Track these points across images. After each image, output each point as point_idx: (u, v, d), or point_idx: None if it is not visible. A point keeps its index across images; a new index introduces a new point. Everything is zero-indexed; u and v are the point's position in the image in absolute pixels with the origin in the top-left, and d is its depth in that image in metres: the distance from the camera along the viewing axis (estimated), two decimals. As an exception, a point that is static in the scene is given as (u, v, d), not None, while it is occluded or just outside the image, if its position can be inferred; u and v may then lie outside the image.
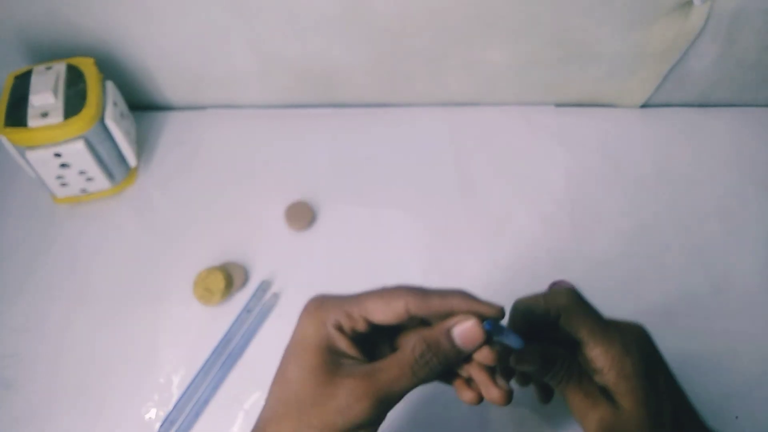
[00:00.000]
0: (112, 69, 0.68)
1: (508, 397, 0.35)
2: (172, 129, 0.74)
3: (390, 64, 0.70)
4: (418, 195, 0.69)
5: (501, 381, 0.35)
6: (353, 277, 0.63)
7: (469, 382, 0.37)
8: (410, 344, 0.33)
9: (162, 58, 0.69)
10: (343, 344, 0.34)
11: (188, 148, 0.73)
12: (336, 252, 0.65)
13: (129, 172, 0.69)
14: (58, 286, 0.63)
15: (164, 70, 0.71)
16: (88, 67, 0.63)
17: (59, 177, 0.63)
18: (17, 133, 0.59)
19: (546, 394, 0.46)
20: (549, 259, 0.64)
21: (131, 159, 0.68)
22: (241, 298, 0.62)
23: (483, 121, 0.74)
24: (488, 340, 0.34)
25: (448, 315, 0.34)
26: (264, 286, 0.63)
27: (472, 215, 0.67)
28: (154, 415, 0.57)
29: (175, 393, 0.58)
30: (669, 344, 0.59)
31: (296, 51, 0.68)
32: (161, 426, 0.56)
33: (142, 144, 0.73)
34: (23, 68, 0.63)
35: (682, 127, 0.74)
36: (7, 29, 0.65)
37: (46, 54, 0.67)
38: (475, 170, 0.71)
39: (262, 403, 0.57)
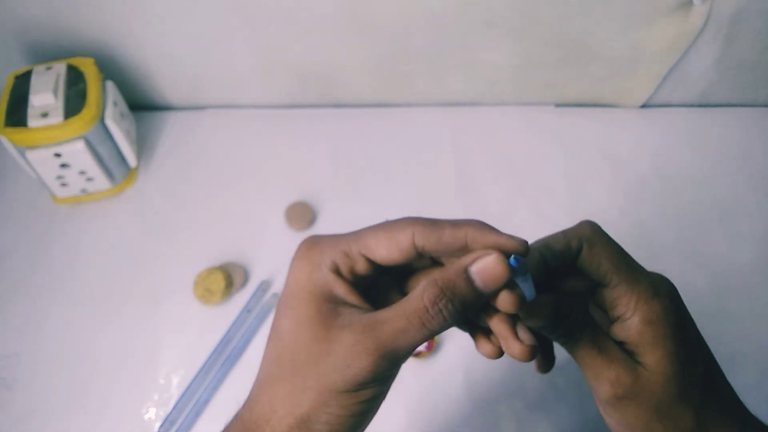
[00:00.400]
0: (112, 69, 0.68)
1: (532, 353, 0.30)
2: (172, 129, 0.74)
3: (390, 65, 0.70)
4: (418, 194, 0.69)
5: (524, 333, 0.30)
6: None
7: (487, 332, 0.32)
8: (420, 289, 0.28)
9: (162, 59, 0.69)
10: (341, 289, 0.29)
11: (188, 148, 0.73)
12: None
13: (129, 173, 0.69)
14: (59, 287, 0.64)
15: (164, 71, 0.71)
16: (88, 67, 0.63)
17: (59, 177, 0.63)
18: (17, 133, 0.59)
19: (547, 361, 0.37)
20: (549, 259, 0.64)
21: (131, 159, 0.68)
22: (241, 298, 0.62)
23: (483, 121, 0.74)
24: (509, 282, 0.29)
25: (463, 251, 0.29)
26: (264, 286, 0.63)
27: (472, 215, 0.67)
28: (153, 414, 0.57)
29: (175, 393, 0.58)
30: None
31: (296, 51, 0.68)
32: (161, 426, 0.56)
33: (143, 144, 0.73)
34: (23, 68, 0.63)
35: (682, 127, 0.74)
36: (7, 29, 0.65)
37: (46, 54, 0.67)
38: (475, 170, 0.71)
39: (262, 403, 0.57)
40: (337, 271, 0.30)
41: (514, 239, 0.29)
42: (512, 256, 0.28)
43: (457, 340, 0.60)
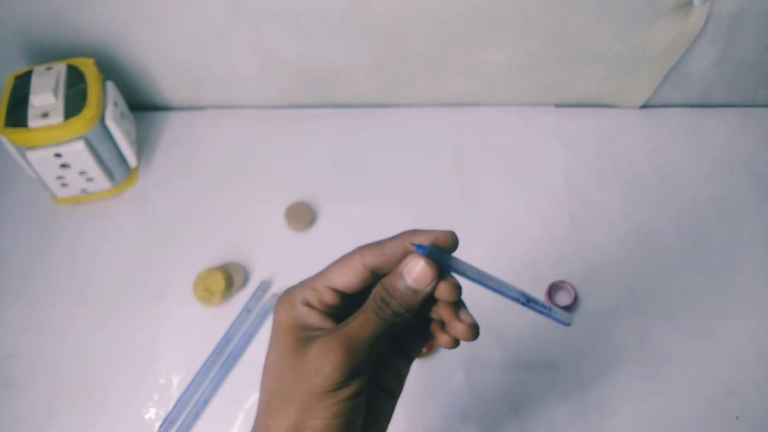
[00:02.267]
0: (112, 69, 0.68)
1: (473, 331, 0.33)
2: (172, 129, 0.75)
3: (390, 65, 0.70)
4: (419, 195, 0.69)
5: (465, 314, 0.33)
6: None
7: (443, 325, 0.35)
8: (372, 290, 0.33)
9: (162, 59, 0.69)
10: (314, 319, 0.33)
11: (188, 148, 0.73)
12: (336, 252, 0.64)
13: (129, 173, 0.70)
14: (59, 287, 0.64)
15: (164, 71, 0.71)
16: (88, 67, 0.64)
17: (59, 177, 0.63)
18: (17, 134, 0.59)
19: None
20: (548, 258, 0.64)
21: (131, 159, 0.68)
22: (241, 299, 0.62)
23: (483, 121, 0.75)
24: (445, 276, 0.33)
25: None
26: (264, 286, 0.63)
27: (472, 215, 0.68)
28: (153, 414, 0.57)
29: (175, 393, 0.58)
30: (668, 343, 0.60)
31: (296, 52, 0.68)
32: (161, 426, 0.56)
33: (143, 144, 0.73)
34: (24, 68, 0.63)
35: (682, 127, 0.74)
36: (7, 30, 0.65)
37: (46, 54, 0.67)
38: (476, 170, 0.71)
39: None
40: (308, 305, 0.34)
41: (433, 234, 0.33)
42: (420, 247, 0.32)
43: (457, 340, 0.60)
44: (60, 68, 0.62)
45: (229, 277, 0.62)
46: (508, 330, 0.60)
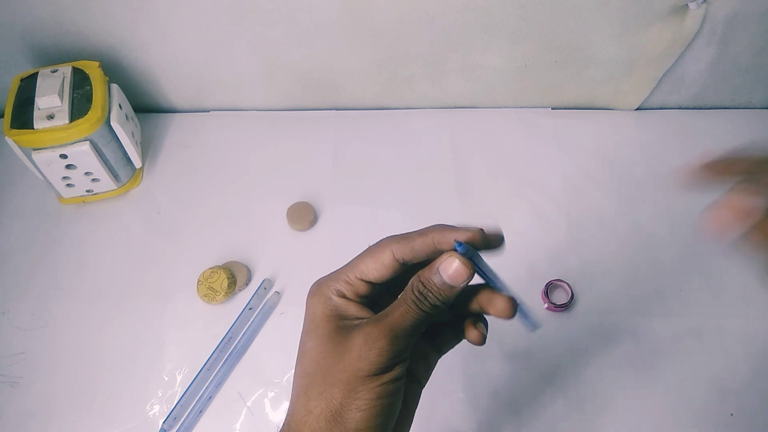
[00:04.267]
0: (117, 72, 0.69)
1: (513, 307, 0.35)
2: (176, 131, 0.75)
3: (390, 68, 0.70)
4: (418, 196, 0.70)
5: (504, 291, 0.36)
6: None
7: (475, 322, 0.37)
8: (410, 282, 0.35)
9: (166, 62, 0.70)
10: (352, 309, 0.35)
11: (192, 150, 0.74)
12: (337, 252, 0.66)
13: (134, 174, 0.70)
14: (64, 286, 0.64)
15: (168, 74, 0.72)
16: (93, 70, 0.64)
17: (65, 178, 0.64)
18: (23, 135, 0.60)
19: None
20: (546, 257, 0.65)
21: (136, 160, 0.68)
22: (244, 297, 0.63)
23: (481, 123, 0.75)
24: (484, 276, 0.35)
25: (437, 251, 0.35)
26: (266, 284, 0.64)
27: (470, 216, 0.68)
28: (157, 411, 0.58)
29: (179, 390, 0.59)
30: (663, 341, 0.60)
31: (298, 55, 0.68)
32: (164, 422, 0.57)
33: (147, 146, 0.74)
34: (29, 71, 0.64)
35: (677, 129, 0.74)
36: (13, 32, 0.66)
37: (51, 57, 0.68)
38: (474, 172, 0.72)
39: (265, 399, 0.58)
40: (344, 297, 0.35)
41: (466, 231, 0.35)
42: (457, 243, 0.33)
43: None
44: (65, 71, 0.63)
45: (232, 276, 0.63)
46: (507, 328, 0.61)
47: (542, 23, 0.63)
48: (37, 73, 0.63)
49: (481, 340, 0.37)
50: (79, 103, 0.62)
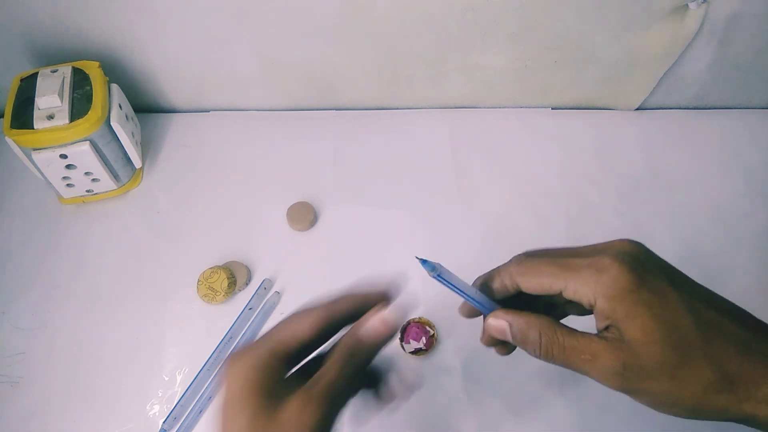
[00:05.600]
0: (117, 72, 0.69)
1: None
2: (176, 131, 0.75)
3: (390, 68, 0.70)
4: (418, 196, 0.70)
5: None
6: (354, 276, 0.64)
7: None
8: (337, 344, 0.35)
9: (166, 62, 0.70)
10: (279, 373, 0.33)
11: (192, 150, 0.74)
12: (337, 251, 0.66)
13: (134, 174, 0.70)
14: (64, 286, 0.64)
15: (168, 74, 0.72)
16: (93, 70, 0.64)
17: (65, 178, 0.64)
18: (23, 135, 0.60)
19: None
20: (546, 258, 0.65)
21: (136, 160, 0.68)
22: (244, 297, 0.63)
23: (481, 123, 0.75)
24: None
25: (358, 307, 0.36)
26: (266, 284, 0.64)
27: (470, 216, 0.68)
28: (157, 411, 0.58)
29: (179, 390, 0.59)
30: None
31: (298, 56, 0.69)
32: (164, 422, 0.57)
33: (147, 146, 0.74)
34: (29, 71, 0.63)
35: (677, 129, 0.75)
36: (13, 32, 0.66)
37: (51, 57, 0.68)
38: (474, 172, 0.72)
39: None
40: (265, 369, 0.33)
41: (374, 296, 0.37)
42: (424, 262, 0.36)
43: (455, 338, 0.60)
44: (65, 71, 0.63)
45: (232, 277, 0.63)
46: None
47: (542, 23, 0.63)
48: (37, 73, 0.63)
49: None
50: (79, 103, 0.62)
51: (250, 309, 0.62)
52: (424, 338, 0.58)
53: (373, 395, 0.40)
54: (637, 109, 0.76)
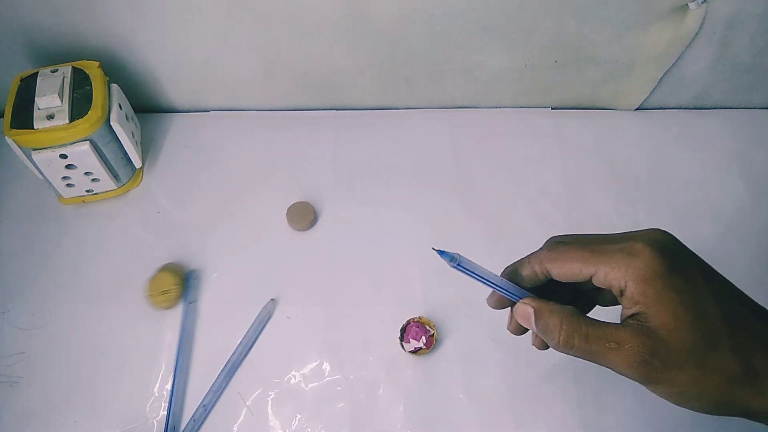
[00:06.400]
0: (117, 72, 0.69)
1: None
2: (176, 131, 0.75)
3: (390, 68, 0.70)
4: (418, 196, 0.70)
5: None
6: (354, 276, 0.64)
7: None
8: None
9: (166, 62, 0.70)
10: None
11: (192, 150, 0.74)
12: (337, 252, 0.66)
13: (134, 174, 0.70)
14: (64, 286, 0.64)
15: (168, 74, 0.72)
16: (93, 70, 0.64)
17: (65, 178, 0.64)
18: (23, 135, 0.60)
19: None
20: (546, 258, 0.65)
21: (136, 160, 0.68)
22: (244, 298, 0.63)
23: (482, 123, 0.75)
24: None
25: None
26: (195, 275, 0.63)
27: (471, 216, 0.68)
28: (158, 413, 0.58)
29: (179, 390, 0.59)
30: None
31: (298, 55, 0.69)
32: (167, 423, 0.56)
33: (147, 146, 0.74)
34: (29, 71, 0.64)
35: (677, 129, 0.75)
36: (13, 32, 0.66)
37: (51, 57, 0.68)
38: (474, 172, 0.72)
39: (264, 398, 0.58)
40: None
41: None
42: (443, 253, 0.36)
43: (455, 337, 0.60)
44: (65, 71, 0.63)
45: (176, 276, 0.62)
46: (505, 327, 0.61)
47: (542, 23, 0.63)
48: (37, 73, 0.63)
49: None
50: (79, 103, 0.62)
51: (191, 303, 0.62)
52: (424, 338, 0.58)
53: None
54: (637, 109, 0.76)
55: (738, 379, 0.31)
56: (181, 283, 0.62)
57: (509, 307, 0.40)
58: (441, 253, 0.35)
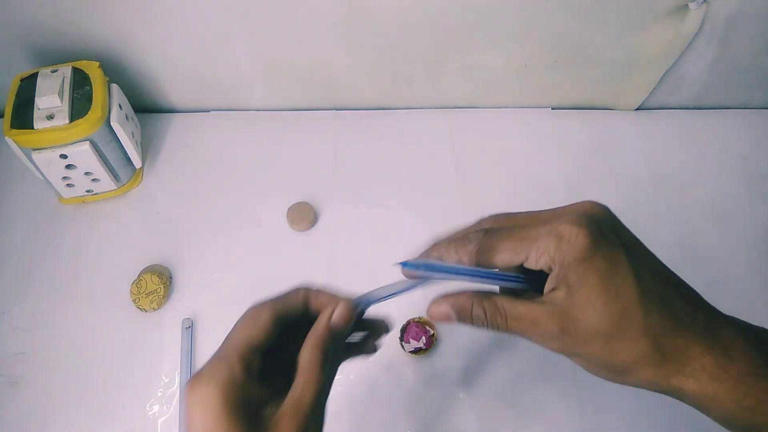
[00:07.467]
0: (117, 72, 0.69)
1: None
2: (176, 131, 0.75)
3: (390, 68, 0.70)
4: (418, 196, 0.70)
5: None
6: (354, 276, 0.64)
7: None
8: (303, 352, 0.34)
9: (166, 62, 0.70)
10: (253, 389, 0.32)
11: (192, 150, 0.74)
12: (337, 252, 0.66)
13: (134, 174, 0.70)
14: (64, 286, 0.64)
15: (168, 74, 0.72)
16: (93, 70, 0.64)
17: (65, 178, 0.64)
18: (23, 135, 0.60)
19: None
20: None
21: (136, 160, 0.68)
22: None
23: (481, 123, 0.75)
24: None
25: (312, 311, 0.36)
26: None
27: (471, 216, 0.68)
28: (158, 411, 0.58)
29: (180, 390, 0.59)
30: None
31: (298, 55, 0.69)
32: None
33: (147, 146, 0.74)
34: (29, 71, 0.64)
35: (677, 129, 0.75)
36: (13, 32, 0.66)
37: (51, 57, 0.68)
38: (474, 172, 0.72)
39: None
40: (231, 388, 0.31)
41: (333, 300, 0.36)
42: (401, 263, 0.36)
43: (455, 338, 0.60)
44: (65, 71, 0.63)
45: (163, 276, 0.62)
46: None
47: (542, 23, 0.63)
48: (37, 73, 0.63)
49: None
50: (79, 103, 0.62)
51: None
52: (424, 338, 0.58)
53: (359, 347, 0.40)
54: (637, 109, 0.76)
55: (645, 358, 0.32)
56: (166, 282, 0.62)
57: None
58: (404, 265, 0.36)
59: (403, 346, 0.59)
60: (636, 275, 0.33)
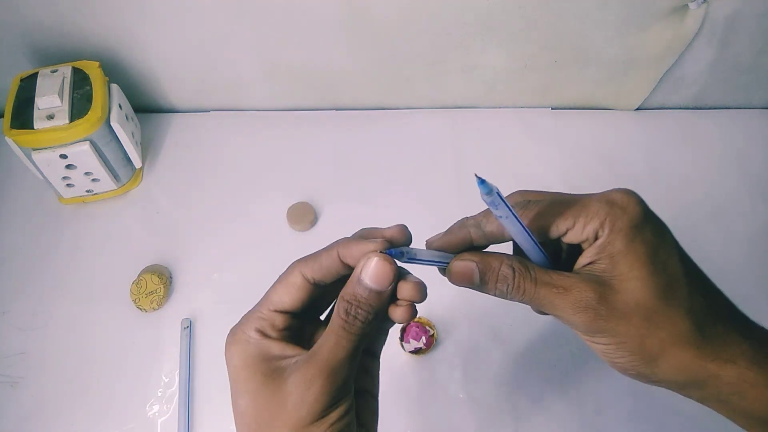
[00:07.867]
0: (117, 72, 0.69)
1: (420, 289, 0.34)
2: (176, 131, 0.75)
3: (390, 68, 0.70)
4: (418, 196, 0.70)
5: (410, 278, 0.34)
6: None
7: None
8: (335, 307, 0.32)
9: (166, 63, 0.70)
10: (276, 349, 0.31)
11: (192, 150, 0.74)
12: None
13: (134, 174, 0.70)
14: (64, 286, 0.64)
15: (169, 74, 0.72)
16: (93, 70, 0.64)
17: (65, 178, 0.64)
18: (23, 135, 0.60)
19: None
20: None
21: (136, 160, 0.68)
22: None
23: (481, 123, 0.75)
24: (401, 272, 0.33)
25: (346, 267, 0.33)
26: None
27: (470, 215, 0.68)
28: (157, 411, 0.58)
29: (180, 390, 0.59)
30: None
31: (298, 55, 0.69)
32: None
33: (147, 146, 0.74)
34: (29, 71, 0.64)
35: (677, 129, 0.75)
36: (13, 32, 0.66)
37: (52, 57, 0.68)
38: (474, 172, 0.71)
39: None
40: (264, 336, 0.32)
41: (365, 243, 0.32)
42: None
43: (455, 338, 0.60)
44: (65, 71, 0.63)
45: (162, 276, 0.62)
46: (505, 327, 0.61)
47: (542, 23, 0.63)
48: (37, 73, 0.63)
49: (411, 314, 0.34)
50: (79, 103, 0.62)
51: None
52: (424, 338, 0.58)
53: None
54: (637, 109, 0.76)
55: (684, 338, 0.30)
56: (166, 282, 0.62)
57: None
58: (481, 182, 0.32)
59: (403, 346, 0.59)
60: (681, 254, 0.32)
